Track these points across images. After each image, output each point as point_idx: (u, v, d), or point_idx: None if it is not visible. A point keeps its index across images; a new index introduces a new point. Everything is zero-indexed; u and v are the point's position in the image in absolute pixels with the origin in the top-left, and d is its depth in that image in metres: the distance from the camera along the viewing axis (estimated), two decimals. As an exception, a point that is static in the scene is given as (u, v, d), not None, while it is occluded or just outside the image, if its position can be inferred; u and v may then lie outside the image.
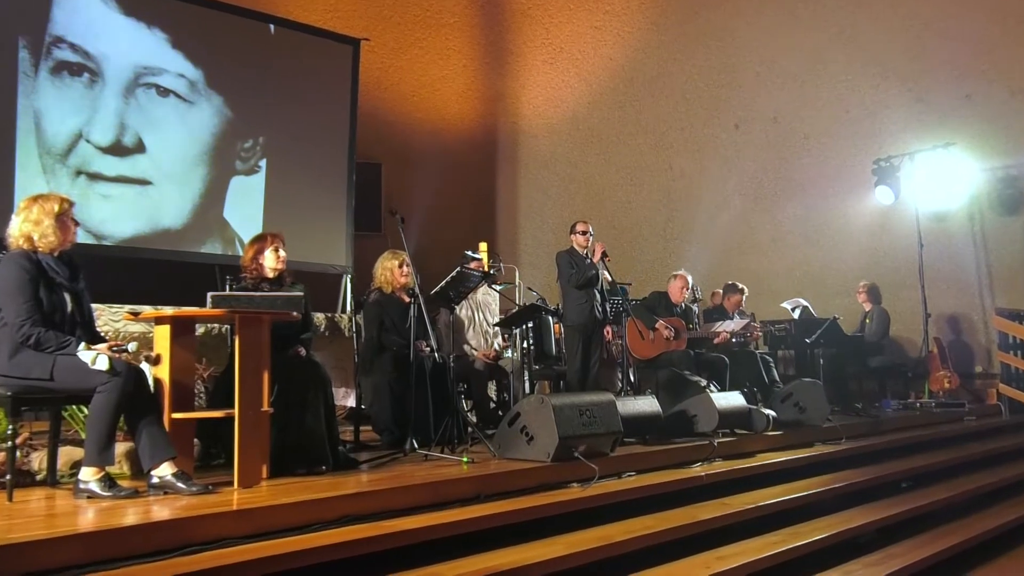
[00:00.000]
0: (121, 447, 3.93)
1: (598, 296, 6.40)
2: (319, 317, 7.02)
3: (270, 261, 4.62)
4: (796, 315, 8.59)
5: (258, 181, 7.92)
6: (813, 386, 6.66)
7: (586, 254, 6.39)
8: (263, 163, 7.96)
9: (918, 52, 9.54)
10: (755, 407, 6.23)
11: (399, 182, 10.13)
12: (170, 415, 3.73)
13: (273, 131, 8.03)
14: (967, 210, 9.25)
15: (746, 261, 10.46)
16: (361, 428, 5.55)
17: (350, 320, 7.13)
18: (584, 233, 6.39)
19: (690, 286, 7.25)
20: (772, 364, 7.63)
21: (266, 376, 3.96)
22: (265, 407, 3.96)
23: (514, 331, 6.36)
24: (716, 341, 7.06)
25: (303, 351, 4.60)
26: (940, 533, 5.02)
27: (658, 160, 11.00)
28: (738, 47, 10.59)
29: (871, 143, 9.74)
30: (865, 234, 9.88)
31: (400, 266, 5.53)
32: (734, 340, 7.41)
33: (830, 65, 10.06)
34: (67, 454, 3.94)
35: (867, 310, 8.66)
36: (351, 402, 6.88)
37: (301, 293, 4.54)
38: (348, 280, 8.45)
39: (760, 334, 7.90)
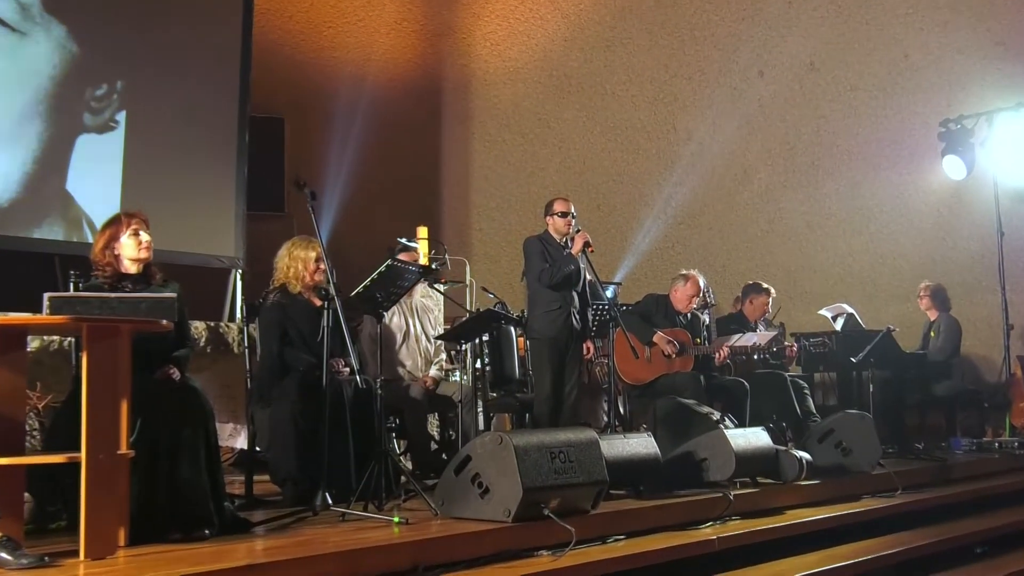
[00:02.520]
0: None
1: (577, 300, 6.42)
2: (198, 327, 6.94)
3: (130, 250, 4.56)
4: (838, 326, 8.71)
5: (114, 141, 7.81)
6: (860, 420, 6.75)
7: (564, 243, 6.41)
8: (121, 117, 7.85)
9: (999, -21, 9.78)
10: (784, 448, 6.29)
11: (308, 144, 10.08)
12: (-9, 461, 3.67)
13: (135, 73, 7.92)
14: (1062, 188, 9.48)
15: (773, 254, 10.61)
16: (256, 478, 5.51)
17: (241, 331, 7.05)
18: (564, 215, 6.41)
19: (702, 292, 7.31)
20: (807, 391, 7.73)
21: (125, 407, 3.92)
22: (123, 449, 3.92)
23: (463, 346, 6.36)
24: (718, 360, 7.13)
25: (176, 373, 4.56)
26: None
27: (658, 119, 11.10)
28: (764, -31, 10.76)
29: (937, 99, 9.93)
30: (929, 219, 10.09)
31: (318, 259, 5.50)
32: (756, 358, 7.49)
33: (884, -6, 10.27)
34: None
35: (931, 320, 8.83)
36: (242, 443, 6.80)
37: (174, 294, 4.49)
38: (238, 277, 8.37)
39: (794, 351, 8.00)
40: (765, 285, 8.06)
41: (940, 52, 10.03)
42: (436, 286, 7.13)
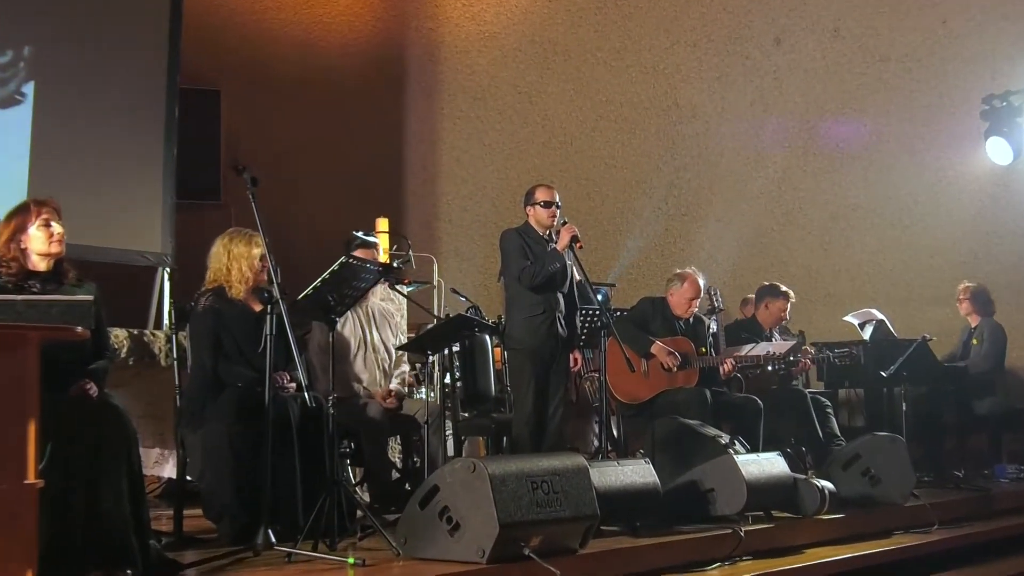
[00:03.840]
0: None
1: (562, 304, 6.43)
2: (119, 335, 6.90)
3: (39, 243, 4.53)
4: (867, 334, 8.75)
5: (20, 117, 7.76)
6: (891, 444, 6.80)
7: (548, 237, 6.43)
8: (28, 88, 7.80)
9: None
10: (804, 477, 6.33)
11: (248, 121, 10.05)
12: None
13: (45, 38, 7.87)
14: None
15: (792, 251, 10.65)
16: (186, 512, 5.48)
17: (169, 340, 7.04)
18: (548, 205, 6.41)
19: (702, 294, 7.33)
20: (830, 410, 7.77)
21: (33, 429, 3.89)
22: (31, 478, 3.89)
23: (430, 358, 6.36)
24: (724, 373, 7.15)
25: (94, 389, 4.53)
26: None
27: (657, 93, 11.12)
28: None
29: (980, 72, 9.99)
30: (971, 210, 10.14)
31: (263, 257, 5.47)
32: (771, 369, 7.51)
33: (919, -50, 10.33)
34: None
35: (972, 326, 8.88)
36: (170, 471, 6.77)
37: (91, 296, 4.46)
38: (166, 276, 8.34)
39: (812, 363, 8.05)
40: (783, 288, 8.04)
41: (983, 18, 10.08)
42: (398, 287, 7.11)
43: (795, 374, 7.94)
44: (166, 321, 8.00)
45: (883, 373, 7.86)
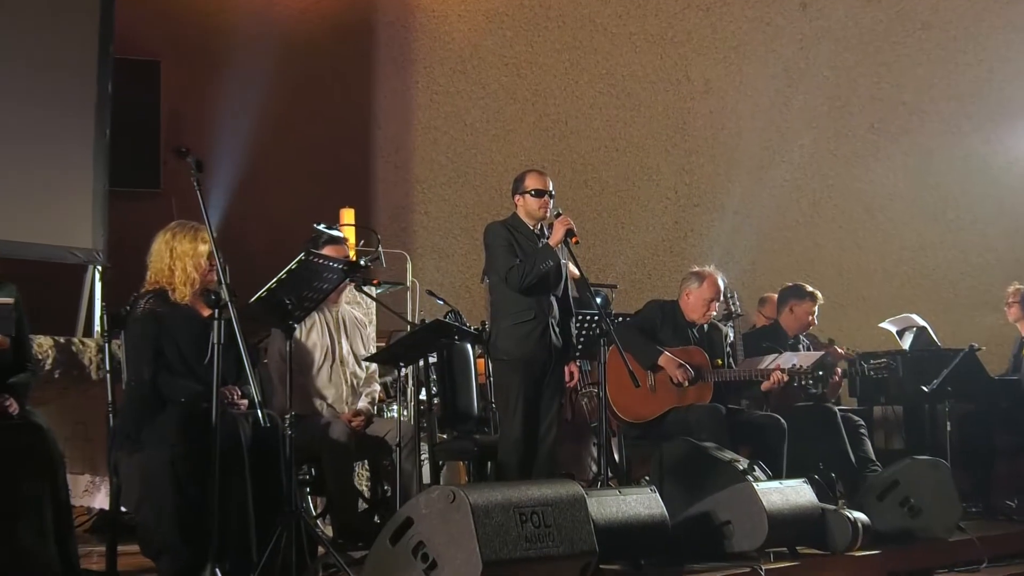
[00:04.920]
0: None
1: (556, 308, 6.42)
2: (43, 343, 6.88)
3: (-49, 240, 4.54)
4: (906, 343, 8.76)
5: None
6: (934, 470, 6.81)
7: (540, 231, 6.44)
8: (-62, 58, 7.80)
9: None
10: (833, 507, 6.33)
11: (193, 97, 10.05)
12: None
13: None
14: None
15: (820, 248, 10.66)
16: (120, 548, 5.44)
17: (101, 350, 7.02)
18: (540, 194, 6.40)
19: (722, 297, 7.34)
20: (864, 430, 7.78)
21: (-57, 452, 3.88)
22: (-59, 510, 3.88)
23: (403, 371, 6.35)
24: (765, 387, 7.16)
25: (14, 406, 4.54)
26: None
27: (665, 65, 11.13)
28: None
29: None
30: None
31: (211, 255, 5.47)
32: (796, 385, 7.50)
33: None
34: None
35: (1024, 335, 8.92)
36: (101, 501, 6.76)
37: (11, 299, 4.47)
38: (97, 276, 8.31)
39: (838, 378, 8.01)
40: (809, 289, 8.03)
41: (1041, -22, 10.15)
42: (366, 289, 7.11)
43: (829, 393, 7.94)
44: (97, 328, 7.96)
45: (925, 388, 7.87)
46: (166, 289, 5.51)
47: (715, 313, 7.32)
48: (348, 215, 8.66)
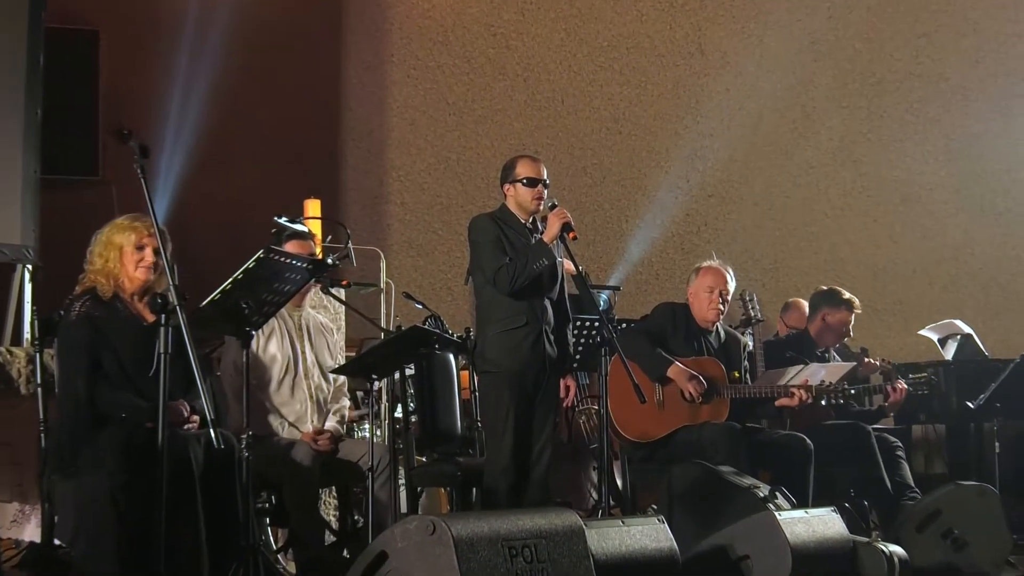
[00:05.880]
0: None
1: (551, 313, 6.42)
2: (-37, 354, 6.89)
3: None
4: (949, 353, 8.76)
5: None
6: (981, 497, 6.80)
7: (533, 225, 6.44)
8: None
9: None
10: (867, 540, 6.32)
11: (136, 72, 10.03)
12: None
13: None
14: None
15: (852, 244, 10.68)
16: (54, 587, 5.46)
17: (31, 360, 7.00)
18: (533, 183, 6.41)
19: (731, 290, 7.30)
20: (901, 453, 7.78)
21: None
22: None
23: (375, 384, 6.34)
24: (793, 401, 7.12)
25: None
26: None
27: (676, 36, 11.14)
28: None
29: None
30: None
31: (142, 246, 5.48)
32: (823, 403, 7.47)
33: None
34: None
35: (1084, 344, 8.91)
36: (32, 532, 6.73)
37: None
38: (27, 276, 8.28)
39: (901, 392, 7.84)
40: (846, 295, 8.03)
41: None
42: (334, 291, 7.08)
43: (887, 408, 7.90)
44: (27, 335, 7.95)
45: (970, 404, 7.88)
46: (102, 289, 5.54)
47: (723, 308, 7.25)
48: (313, 207, 8.66)
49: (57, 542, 5.52)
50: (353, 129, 11.28)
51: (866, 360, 8.03)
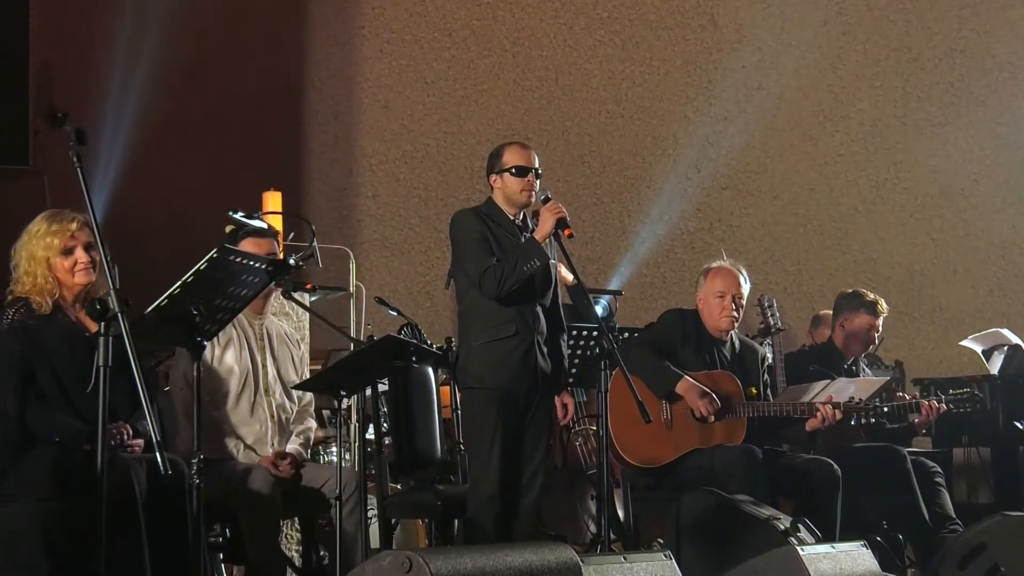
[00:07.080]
0: None
1: (543, 321, 6.49)
2: None
3: None
4: (995, 367, 8.81)
5: None
6: (1030, 529, 6.88)
7: (522, 220, 6.50)
8: None
9: None
10: (901, 577, 6.41)
11: (71, 49, 10.06)
12: None
13: None
14: None
15: (884, 243, 10.72)
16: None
17: (-47, 375, 7.04)
18: (523, 172, 6.46)
19: (744, 294, 7.34)
20: (941, 479, 7.84)
21: None
22: None
23: (343, 402, 6.40)
24: (810, 425, 7.18)
25: None
26: None
27: (686, 7, 11.15)
28: None
29: None
30: None
31: (69, 249, 5.52)
32: (852, 423, 7.50)
33: None
34: None
35: None
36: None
37: None
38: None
39: (932, 412, 7.85)
40: (870, 296, 8.10)
41: None
42: (297, 296, 7.14)
43: (917, 427, 7.94)
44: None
45: (1019, 424, 7.92)
46: (32, 296, 5.56)
47: (736, 313, 7.27)
48: (274, 200, 8.68)
49: (-15, 579, 5.55)
50: (318, 112, 11.29)
51: (897, 394, 7.97)
